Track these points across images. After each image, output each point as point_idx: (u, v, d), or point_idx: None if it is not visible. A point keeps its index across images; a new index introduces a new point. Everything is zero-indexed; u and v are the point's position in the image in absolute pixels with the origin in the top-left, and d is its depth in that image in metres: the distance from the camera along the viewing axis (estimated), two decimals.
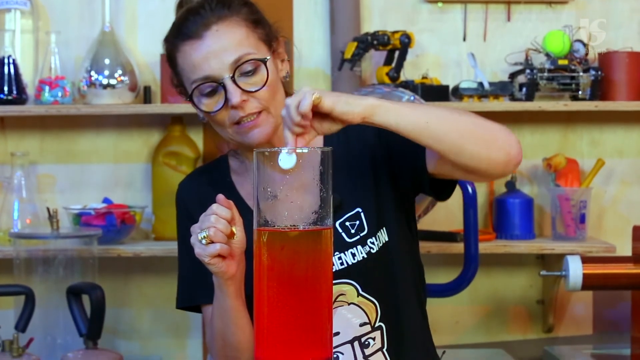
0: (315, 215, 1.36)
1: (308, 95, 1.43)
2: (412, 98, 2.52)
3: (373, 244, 1.71)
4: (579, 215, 2.74)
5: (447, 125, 1.54)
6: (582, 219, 2.74)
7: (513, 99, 2.76)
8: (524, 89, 2.73)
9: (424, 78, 2.74)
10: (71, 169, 2.83)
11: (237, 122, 1.67)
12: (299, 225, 1.36)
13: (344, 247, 1.69)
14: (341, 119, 1.47)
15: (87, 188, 2.83)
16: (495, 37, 2.90)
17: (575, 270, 2.39)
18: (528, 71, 2.73)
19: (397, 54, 2.72)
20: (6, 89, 2.63)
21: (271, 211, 1.37)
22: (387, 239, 1.73)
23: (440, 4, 2.88)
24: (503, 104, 2.72)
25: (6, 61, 2.64)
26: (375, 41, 2.69)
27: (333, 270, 1.54)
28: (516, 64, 2.79)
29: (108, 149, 2.84)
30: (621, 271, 2.42)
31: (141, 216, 2.71)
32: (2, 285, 2.39)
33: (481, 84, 2.74)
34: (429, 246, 2.65)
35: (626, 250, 2.56)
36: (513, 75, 2.79)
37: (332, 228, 1.38)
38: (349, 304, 1.70)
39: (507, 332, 2.95)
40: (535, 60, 2.77)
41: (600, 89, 2.77)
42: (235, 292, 1.62)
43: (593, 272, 2.41)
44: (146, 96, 2.73)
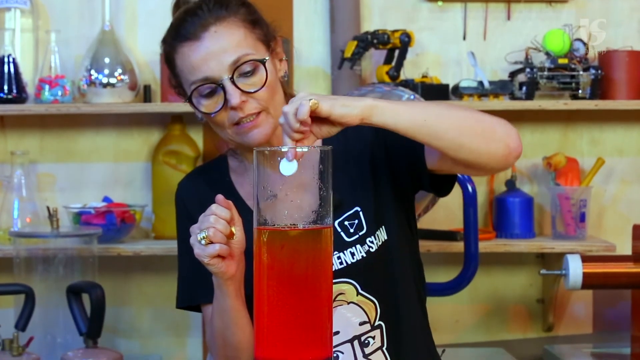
0: (315, 214, 1.36)
1: (305, 101, 1.42)
2: (412, 97, 2.52)
3: (372, 242, 1.71)
4: (579, 214, 2.74)
5: (445, 121, 1.54)
6: (582, 217, 2.74)
7: (513, 97, 2.76)
8: (524, 88, 2.73)
9: (424, 77, 2.74)
10: (71, 168, 2.83)
11: (237, 123, 1.67)
12: (299, 224, 1.36)
13: (343, 246, 1.69)
14: (340, 122, 1.46)
15: (87, 187, 2.83)
16: (495, 35, 2.89)
17: (575, 269, 2.40)
18: (528, 70, 2.73)
19: (397, 52, 2.72)
20: (6, 87, 2.63)
21: (271, 210, 1.37)
22: (386, 238, 1.73)
23: (440, 3, 2.88)
24: (503, 103, 2.72)
25: (6, 60, 2.64)
26: (375, 40, 2.69)
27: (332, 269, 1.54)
28: (516, 62, 2.79)
29: (108, 148, 2.84)
30: (621, 270, 2.42)
31: (141, 215, 2.71)
32: (2, 284, 2.39)
33: (481, 83, 2.73)
34: (429, 245, 2.65)
35: (626, 249, 2.56)
36: (513, 74, 2.78)
37: (332, 227, 1.38)
38: (348, 303, 1.70)
39: (507, 331, 2.95)
40: (535, 59, 2.77)
41: (600, 88, 2.76)
42: (235, 292, 1.62)
43: (593, 271, 2.41)
44: (146, 95, 2.73)
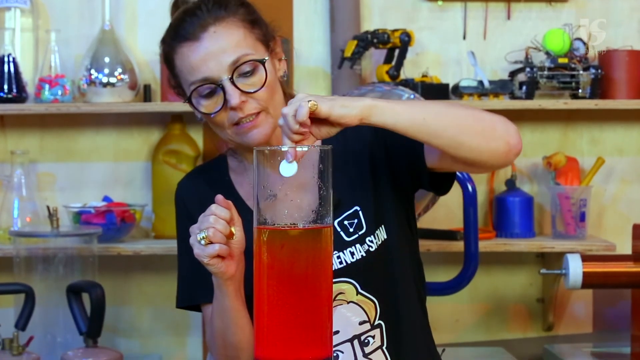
0: (315, 214, 1.36)
1: (304, 102, 1.42)
2: (412, 96, 2.52)
3: (372, 242, 1.71)
4: (579, 213, 2.74)
5: (444, 120, 1.54)
6: (582, 217, 2.74)
7: (513, 97, 2.76)
8: (524, 88, 2.73)
9: (424, 76, 2.74)
10: (71, 167, 2.83)
11: (236, 123, 1.67)
12: (299, 224, 1.36)
13: (342, 246, 1.69)
14: (339, 123, 1.46)
15: (87, 186, 2.83)
16: (495, 35, 2.89)
17: (575, 268, 2.40)
18: (528, 69, 2.73)
19: (397, 52, 2.72)
20: (6, 87, 2.63)
21: (271, 209, 1.37)
22: (386, 237, 1.72)
23: (440, 2, 2.88)
24: (503, 103, 2.71)
25: (6, 59, 2.64)
26: (375, 39, 2.69)
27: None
28: (516, 62, 2.79)
29: (108, 148, 2.84)
30: (621, 269, 2.42)
31: (141, 214, 2.71)
32: (2, 283, 2.39)
33: (481, 83, 2.73)
34: (429, 244, 2.65)
35: (626, 249, 2.56)
36: (513, 74, 2.78)
37: (332, 226, 1.38)
38: (348, 302, 1.70)
39: (507, 330, 2.95)
40: (535, 59, 2.77)
41: (600, 88, 2.76)
42: (235, 292, 1.62)
43: (593, 271, 2.41)
44: (146, 94, 2.73)
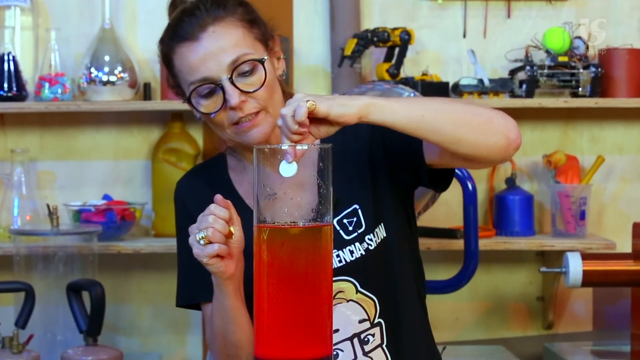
0: (315, 212, 1.36)
1: (302, 102, 1.42)
2: (412, 95, 2.52)
3: (371, 240, 1.71)
4: (579, 212, 2.74)
5: (442, 116, 1.54)
6: (582, 215, 2.74)
7: (513, 95, 2.76)
8: (524, 86, 2.73)
9: (424, 75, 2.74)
10: (71, 166, 2.83)
11: (236, 123, 1.67)
12: (298, 222, 1.36)
13: (341, 244, 1.69)
14: (338, 122, 1.46)
15: (87, 185, 2.83)
16: (495, 33, 2.89)
17: (575, 267, 2.40)
18: (528, 68, 2.73)
19: (397, 50, 2.72)
20: (6, 85, 2.63)
21: (271, 208, 1.37)
22: (385, 235, 1.72)
23: (440, 1, 2.88)
24: (503, 101, 2.72)
25: (6, 58, 2.64)
26: (375, 38, 2.69)
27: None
28: (516, 60, 2.79)
29: (108, 146, 2.84)
30: (621, 268, 2.42)
31: (141, 213, 2.71)
32: (2, 281, 2.40)
33: (481, 81, 2.73)
34: (428, 243, 2.65)
35: (626, 247, 2.56)
36: (513, 72, 2.78)
37: (331, 225, 1.38)
38: (347, 300, 1.70)
39: (507, 328, 2.95)
40: (535, 57, 2.77)
41: (600, 86, 2.76)
42: (235, 291, 1.62)
43: (593, 269, 2.41)
44: (146, 93, 2.73)
